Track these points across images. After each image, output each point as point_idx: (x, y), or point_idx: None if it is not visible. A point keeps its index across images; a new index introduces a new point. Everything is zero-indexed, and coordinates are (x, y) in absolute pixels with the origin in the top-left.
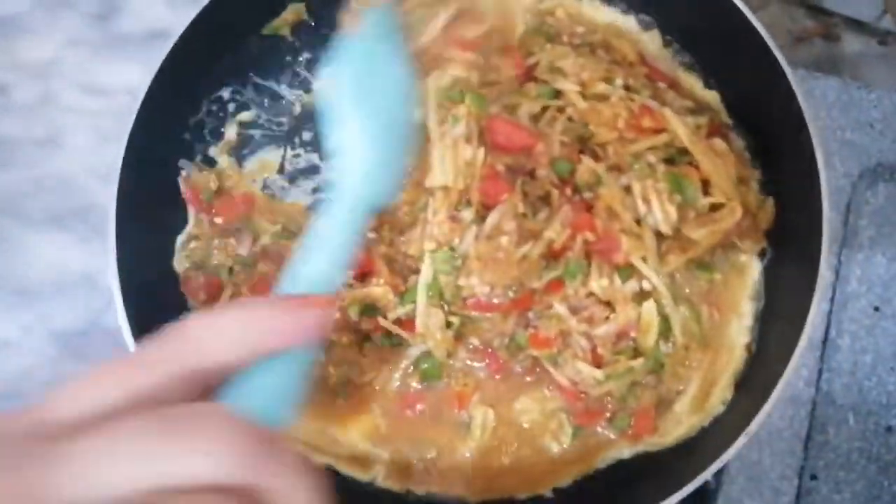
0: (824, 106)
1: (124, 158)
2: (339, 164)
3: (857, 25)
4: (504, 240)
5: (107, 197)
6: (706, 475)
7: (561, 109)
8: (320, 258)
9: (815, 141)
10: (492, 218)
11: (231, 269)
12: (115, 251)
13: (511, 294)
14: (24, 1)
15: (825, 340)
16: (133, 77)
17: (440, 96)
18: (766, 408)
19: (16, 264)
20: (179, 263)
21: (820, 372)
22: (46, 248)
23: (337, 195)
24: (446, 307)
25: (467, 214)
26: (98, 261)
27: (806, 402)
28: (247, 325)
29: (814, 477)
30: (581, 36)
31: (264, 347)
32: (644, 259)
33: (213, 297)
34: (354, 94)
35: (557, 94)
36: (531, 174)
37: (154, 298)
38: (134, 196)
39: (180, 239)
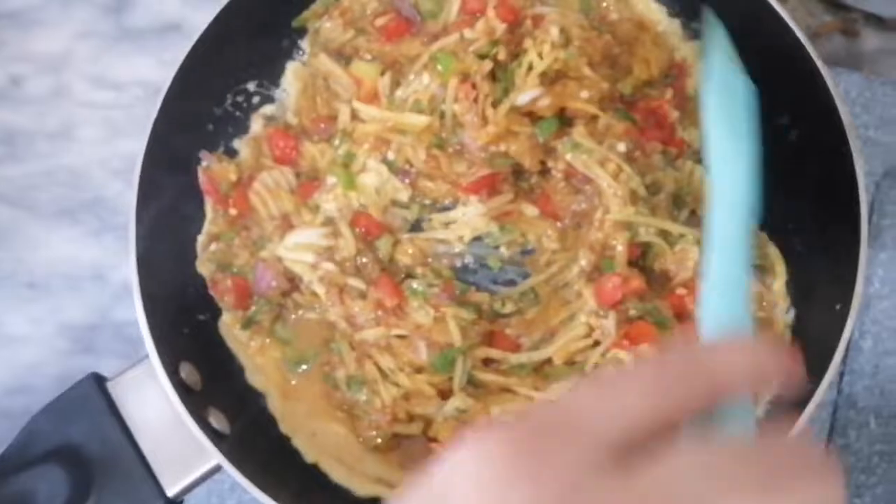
0: (847, 102)
1: (147, 148)
2: (721, 177)
3: (878, 21)
4: None
5: (117, 191)
6: None
7: None
8: (728, 268)
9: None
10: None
11: None
12: (134, 245)
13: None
14: None
15: (847, 342)
16: (145, 71)
17: (435, 53)
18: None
19: (26, 257)
20: (203, 266)
21: (841, 374)
22: (57, 242)
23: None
24: None
25: None
26: (109, 255)
27: (827, 405)
28: (757, 360)
29: None
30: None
31: (765, 384)
32: None
33: (242, 300)
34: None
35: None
36: None
37: (173, 296)
38: (155, 187)
39: (201, 239)
